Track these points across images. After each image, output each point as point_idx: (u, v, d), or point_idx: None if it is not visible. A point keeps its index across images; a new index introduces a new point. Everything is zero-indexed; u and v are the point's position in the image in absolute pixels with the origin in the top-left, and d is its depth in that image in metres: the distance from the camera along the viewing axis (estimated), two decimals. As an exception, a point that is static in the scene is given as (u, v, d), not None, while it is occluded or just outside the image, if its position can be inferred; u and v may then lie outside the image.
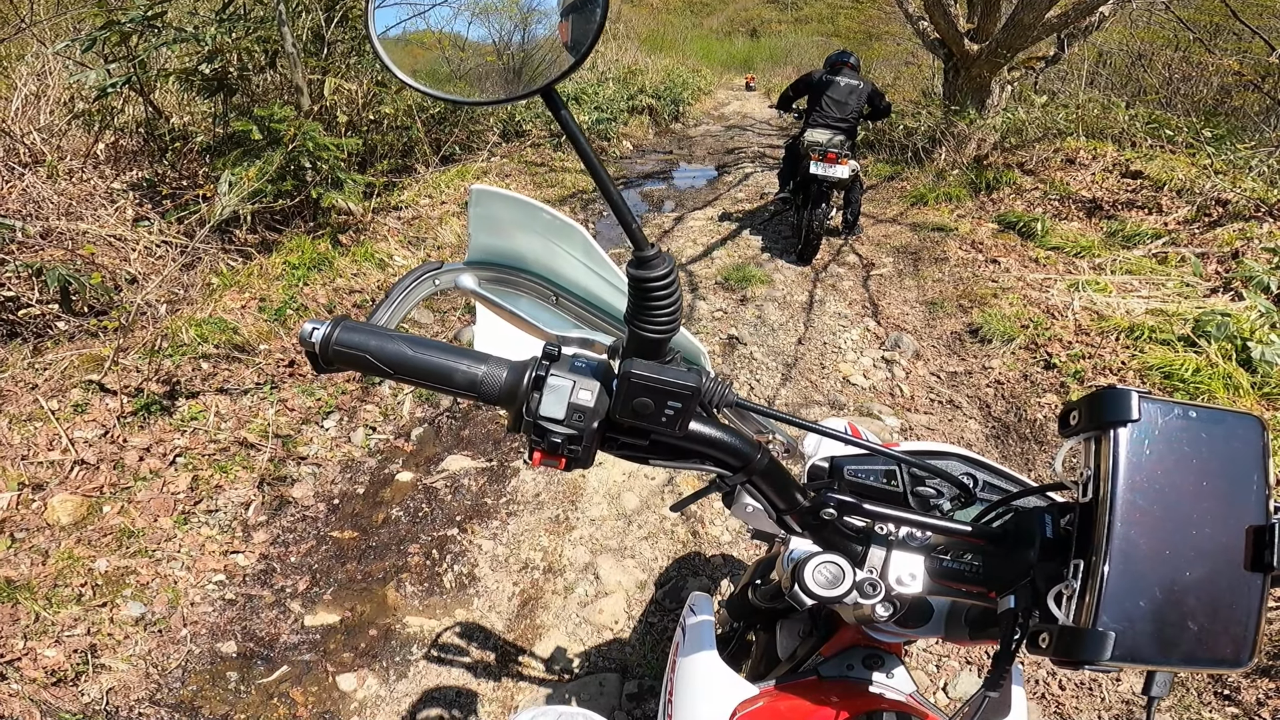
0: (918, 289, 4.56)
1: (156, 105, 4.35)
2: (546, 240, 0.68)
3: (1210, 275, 4.30)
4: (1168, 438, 0.50)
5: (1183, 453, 0.50)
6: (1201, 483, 0.50)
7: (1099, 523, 0.50)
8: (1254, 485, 0.50)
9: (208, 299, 3.37)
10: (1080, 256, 4.64)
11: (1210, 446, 0.50)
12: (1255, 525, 0.49)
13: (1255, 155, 5.71)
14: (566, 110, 0.50)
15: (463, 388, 0.56)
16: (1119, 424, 0.50)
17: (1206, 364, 3.27)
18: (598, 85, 9.51)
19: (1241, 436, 0.51)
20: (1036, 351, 3.56)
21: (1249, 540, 0.49)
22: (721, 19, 28.76)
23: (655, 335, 0.54)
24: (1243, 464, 0.50)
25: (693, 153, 9.05)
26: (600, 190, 0.52)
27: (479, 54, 0.59)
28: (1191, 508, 0.50)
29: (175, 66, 4.18)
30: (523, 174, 6.32)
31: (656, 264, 0.53)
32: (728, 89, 16.31)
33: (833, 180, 4.63)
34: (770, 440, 0.73)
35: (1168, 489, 0.50)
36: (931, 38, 7.91)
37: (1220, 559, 0.49)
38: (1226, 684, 1.95)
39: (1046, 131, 6.74)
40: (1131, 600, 0.48)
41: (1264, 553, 0.49)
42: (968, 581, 0.62)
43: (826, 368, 3.58)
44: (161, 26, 3.88)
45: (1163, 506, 0.49)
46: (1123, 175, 5.78)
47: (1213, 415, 0.51)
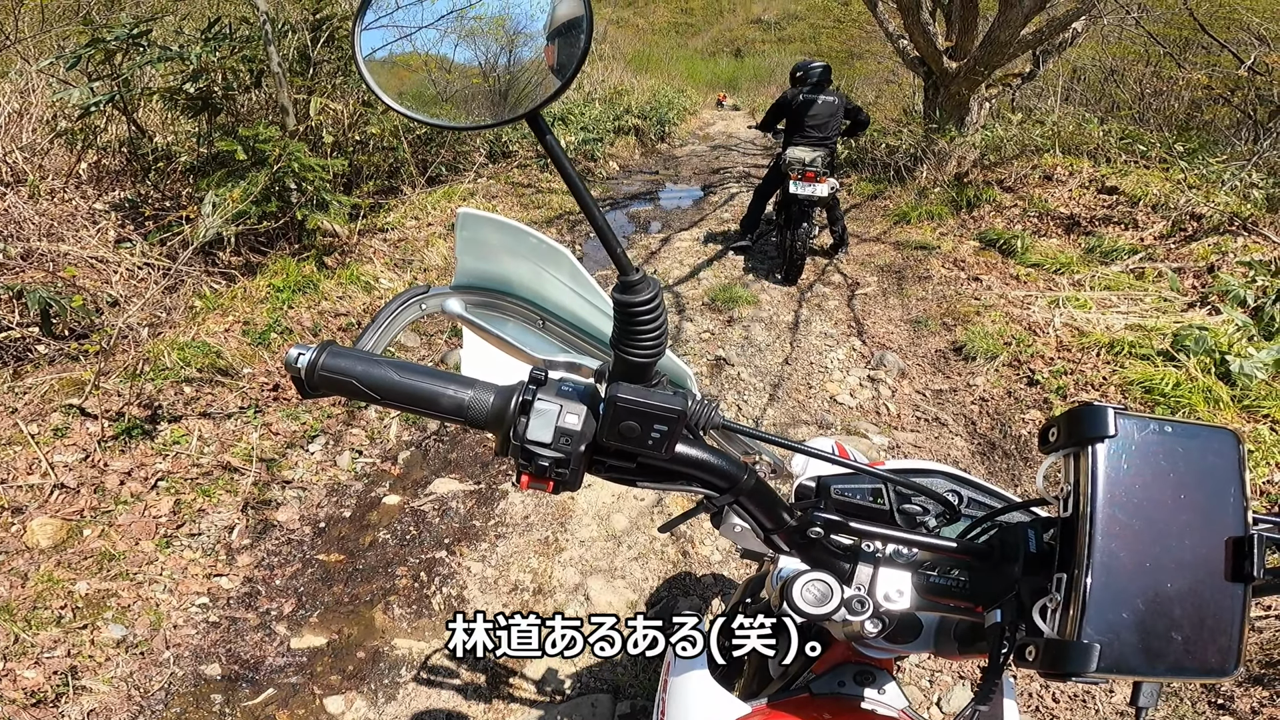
0: (902, 307, 4.61)
1: (140, 124, 4.33)
2: (533, 264, 0.68)
3: (1187, 290, 4.38)
4: (1145, 452, 0.51)
5: (1160, 466, 0.51)
6: (1180, 495, 0.51)
7: (1080, 536, 0.51)
8: (1231, 497, 0.51)
9: (190, 322, 3.35)
10: (1060, 273, 4.71)
11: (1187, 460, 0.51)
12: (1234, 536, 0.50)
13: (1227, 169, 5.83)
14: (552, 135, 0.51)
15: (449, 412, 0.56)
16: (1097, 440, 0.51)
17: (1186, 378, 3.31)
18: (584, 105, 9.58)
19: (1218, 450, 0.52)
20: (1020, 368, 3.60)
21: (1229, 551, 0.50)
22: (706, 39, 29.15)
23: (641, 359, 0.55)
24: (1220, 476, 0.51)
25: (679, 173, 9.13)
26: (585, 215, 0.52)
27: (465, 76, 0.59)
28: (1171, 520, 0.51)
29: (160, 85, 4.16)
30: (509, 195, 6.34)
31: (641, 288, 0.54)
32: (713, 109, 16.51)
33: (813, 199, 4.66)
34: (757, 461, 0.74)
35: (1147, 502, 0.51)
36: (911, 56, 8.07)
37: (1201, 570, 0.50)
38: (1220, 693, 1.97)
39: (1024, 148, 6.85)
40: (1115, 612, 0.49)
41: (1243, 563, 0.50)
42: (955, 597, 0.62)
43: (813, 387, 3.60)
44: (146, 45, 3.87)
45: (1143, 519, 0.50)
46: (1099, 191, 5.89)
47: (1189, 429, 0.52)
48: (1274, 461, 2.75)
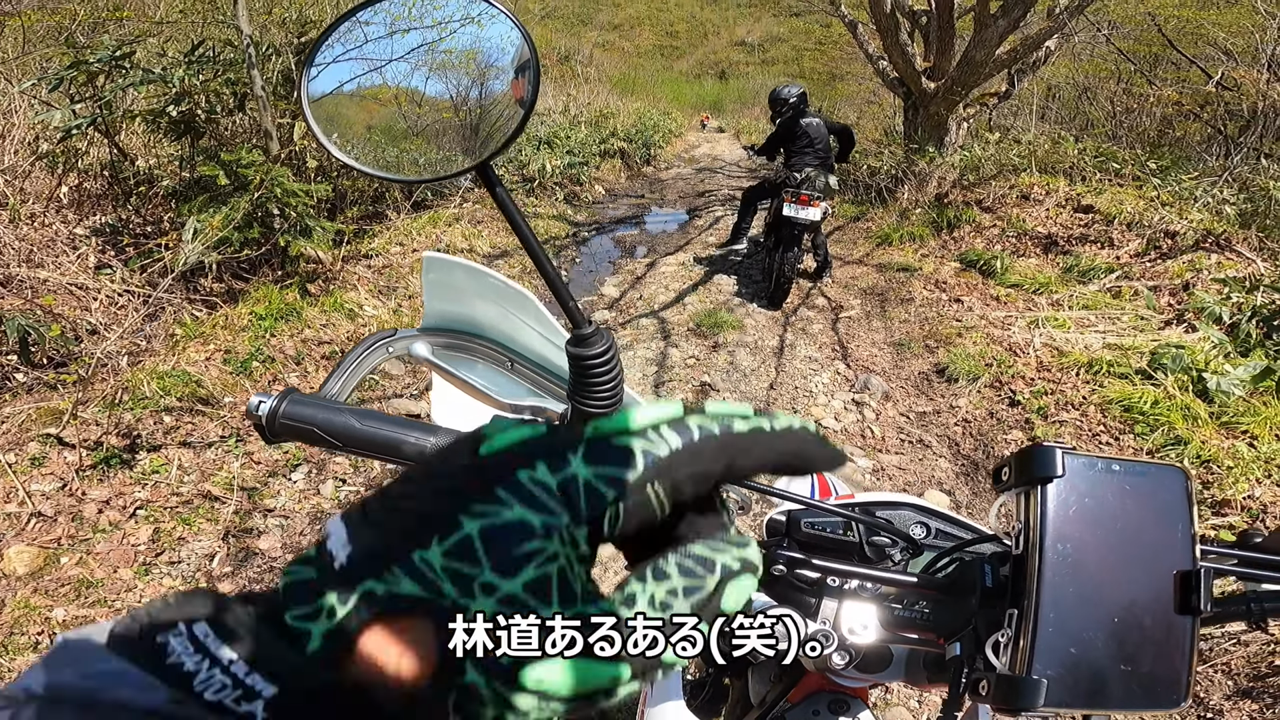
0: (885, 330, 4.65)
1: (122, 147, 4.29)
2: (500, 307, 0.69)
3: (1163, 307, 4.45)
4: (1093, 491, 0.52)
5: (1108, 504, 0.52)
6: (1128, 532, 0.52)
7: (1029, 573, 0.52)
8: (1180, 532, 0.52)
9: (171, 350, 3.32)
10: (1039, 293, 4.78)
11: (1135, 498, 0.53)
12: (1182, 570, 0.51)
13: (1199, 185, 5.95)
14: (501, 187, 0.51)
15: (411, 458, 0.56)
16: (1045, 480, 0.52)
17: (1164, 396, 3.35)
18: (570, 129, 9.63)
19: (1166, 487, 0.53)
20: (1001, 389, 3.64)
21: (1177, 585, 0.51)
22: (691, 61, 29.54)
23: (596, 411, 0.55)
24: (1168, 513, 0.53)
25: (664, 196, 9.20)
26: (537, 267, 0.53)
27: (436, 110, 0.59)
28: (1120, 556, 0.52)
29: (142, 108, 4.13)
30: (494, 220, 6.35)
31: (594, 341, 0.54)
32: (697, 131, 16.69)
33: (805, 222, 4.69)
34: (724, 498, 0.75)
35: (1095, 539, 0.52)
36: (891, 77, 8.21)
37: (1150, 604, 0.51)
38: (1211, 707, 1.97)
39: (1002, 168, 6.96)
40: (1063, 647, 0.50)
41: (1191, 596, 0.51)
42: (919, 629, 0.64)
43: (799, 412, 3.62)
44: (129, 67, 3.85)
45: (1092, 556, 0.51)
46: (1075, 210, 5.99)
47: (1137, 468, 0.53)
48: (1253, 477, 2.78)
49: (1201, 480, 2.81)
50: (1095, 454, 0.54)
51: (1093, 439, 3.21)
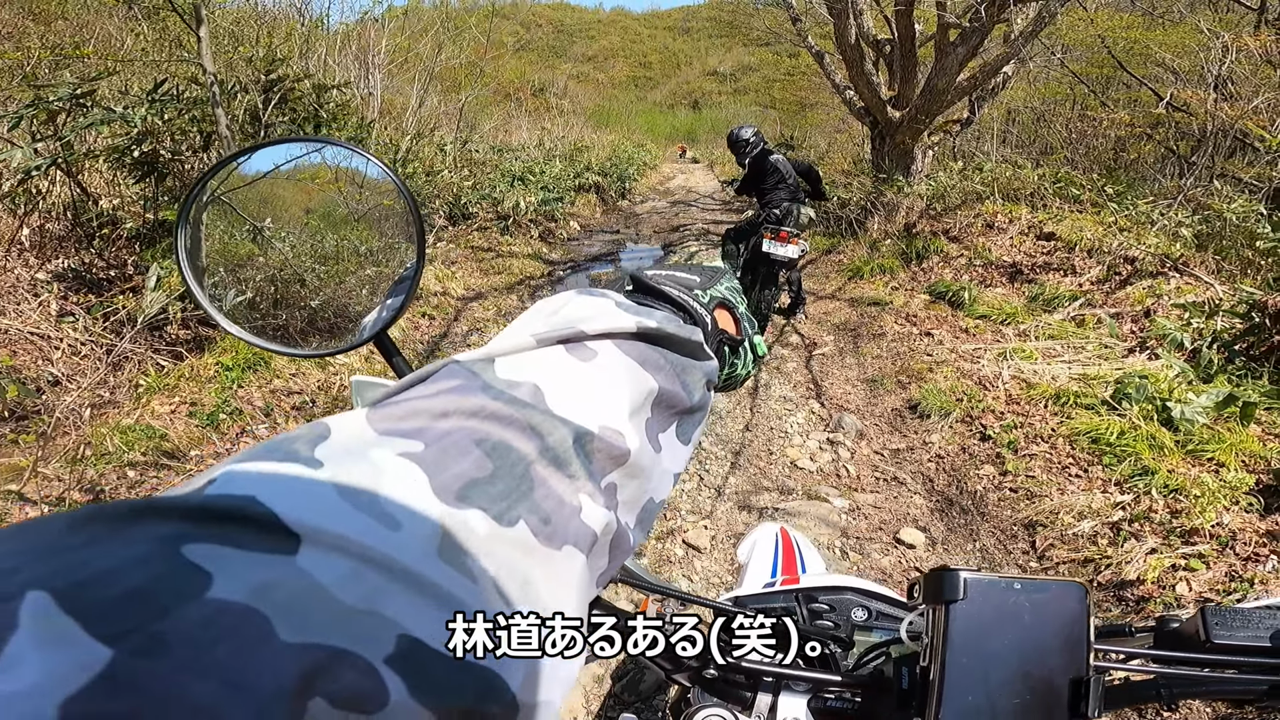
0: (858, 367, 4.71)
1: (85, 187, 4.20)
2: None
3: (1126, 335, 4.55)
4: (995, 610, 0.56)
5: (1009, 621, 0.56)
6: (1028, 645, 0.55)
7: (932, 685, 0.55)
8: (1075, 643, 0.56)
9: (135, 403, 3.28)
10: (1006, 324, 4.87)
11: (1035, 613, 0.56)
12: (1075, 678, 0.55)
13: (1155, 209, 6.11)
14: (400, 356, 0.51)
15: None
16: (950, 602, 0.56)
17: (1130, 426, 3.40)
18: (544, 163, 9.69)
19: (1065, 602, 0.56)
20: (972, 424, 3.70)
21: (1070, 692, 0.54)
22: (664, 92, 29.98)
23: None
24: (1067, 626, 0.56)
25: (639, 231, 9.29)
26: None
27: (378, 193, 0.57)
28: (1019, 667, 0.55)
29: (104, 146, 4.03)
30: (469, 260, 6.38)
31: None
32: (672, 162, 16.89)
33: (783, 259, 4.72)
34: (664, 600, 0.79)
35: (995, 653, 0.55)
36: (858, 106, 8.39)
37: (1044, 712, 0.54)
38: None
39: (966, 196, 7.11)
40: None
41: (1080, 703, 0.54)
42: (850, 719, 0.67)
43: (774, 453, 3.65)
44: (90, 105, 3.79)
45: (992, 668, 0.55)
46: (1038, 237, 6.13)
47: (1037, 586, 0.57)
48: (1221, 505, 2.81)
49: (1170, 510, 2.85)
50: (1000, 575, 0.57)
51: (1062, 471, 3.26)
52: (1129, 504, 2.93)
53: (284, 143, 0.54)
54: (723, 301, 0.53)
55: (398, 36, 9.50)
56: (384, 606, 0.22)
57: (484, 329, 5.19)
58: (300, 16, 8.09)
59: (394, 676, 0.21)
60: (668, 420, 0.36)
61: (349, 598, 0.21)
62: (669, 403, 0.36)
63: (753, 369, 0.57)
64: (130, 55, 6.24)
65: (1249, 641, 0.60)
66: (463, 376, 0.30)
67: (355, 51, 8.92)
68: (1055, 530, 2.88)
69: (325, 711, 0.19)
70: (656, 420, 0.35)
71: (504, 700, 0.25)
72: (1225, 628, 0.60)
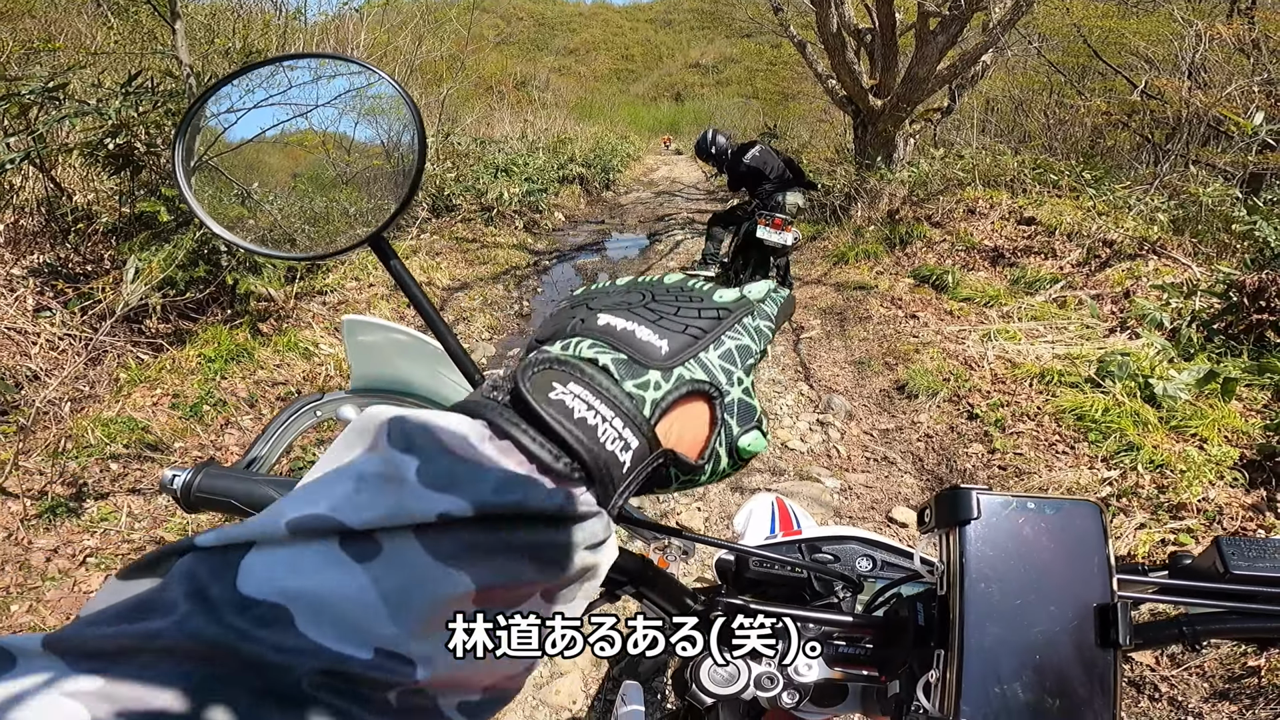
0: (846, 349, 4.75)
1: (58, 182, 4.13)
2: (425, 364, 0.68)
3: (1107, 315, 4.62)
4: (1011, 530, 0.54)
5: (1026, 543, 0.54)
6: (1047, 569, 0.53)
7: (952, 614, 0.53)
8: (1096, 566, 0.53)
9: (116, 396, 3.24)
10: (989, 306, 4.93)
11: (1051, 534, 0.54)
12: (1100, 604, 0.53)
13: (1132, 194, 6.21)
14: (397, 259, 0.50)
15: None
16: (963, 522, 0.54)
17: (1114, 403, 3.45)
18: (528, 156, 9.65)
19: (1081, 522, 0.54)
20: (959, 403, 3.74)
21: (1097, 619, 0.52)
22: (647, 84, 29.92)
23: None
24: (1085, 548, 0.54)
25: (624, 221, 9.27)
26: (435, 335, 0.52)
27: (367, 156, 0.57)
28: (1040, 594, 0.53)
29: (78, 140, 3.96)
30: (454, 251, 6.34)
31: None
32: (656, 153, 16.88)
33: (777, 245, 4.76)
34: (667, 545, 0.77)
35: (1015, 578, 0.53)
36: (840, 95, 8.43)
37: (1071, 640, 0.52)
38: (1190, 710, 2.01)
39: (948, 183, 7.19)
40: (988, 687, 0.51)
41: (1109, 630, 0.52)
42: (862, 664, 0.65)
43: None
44: (63, 99, 3.71)
45: (1012, 594, 0.53)
46: (1018, 222, 6.20)
47: (1052, 504, 0.55)
48: (1206, 480, 2.84)
49: (1156, 485, 2.88)
50: (1011, 494, 0.55)
51: (1049, 449, 3.30)
52: (1116, 480, 2.97)
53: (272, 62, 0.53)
54: (699, 388, 0.38)
55: (377, 30, 9.39)
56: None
57: (470, 318, 5.17)
58: (277, 10, 7.99)
59: None
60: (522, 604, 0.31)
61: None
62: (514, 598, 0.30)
63: (729, 472, 0.42)
64: (103, 48, 6.12)
65: (1270, 572, 0.59)
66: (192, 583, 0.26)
67: (334, 45, 8.82)
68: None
69: None
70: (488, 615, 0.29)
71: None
72: (1243, 558, 0.59)
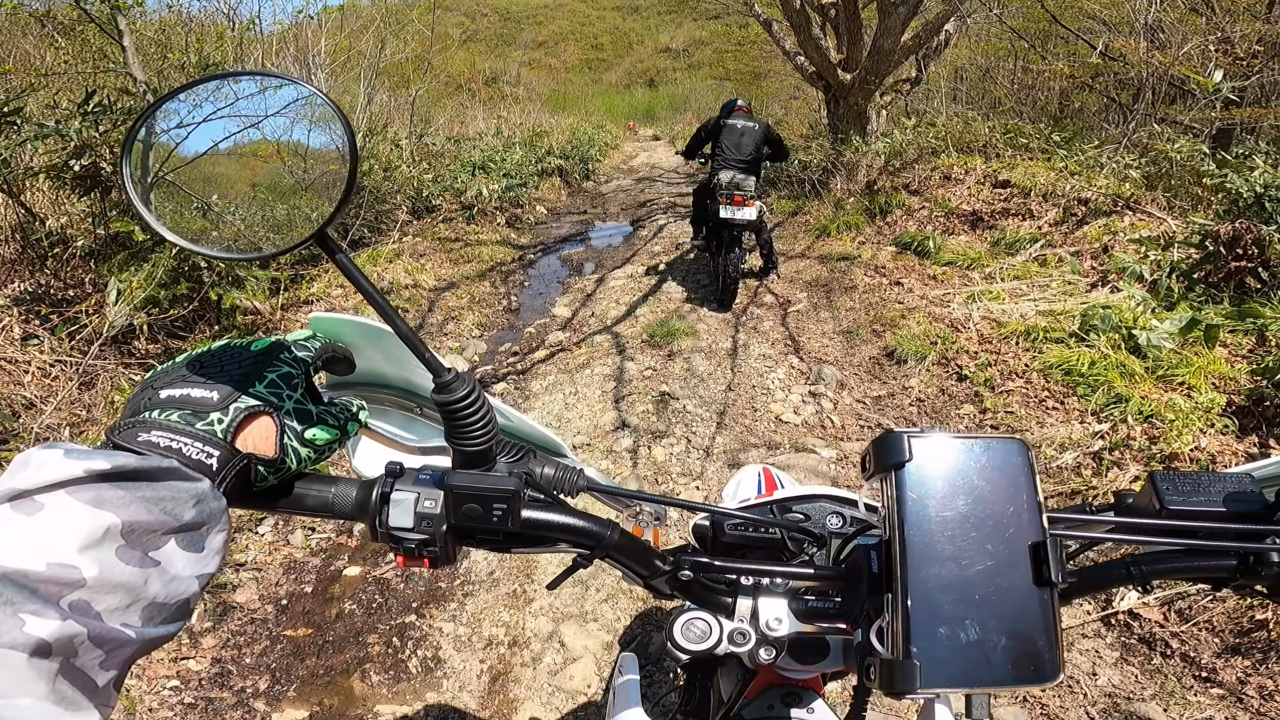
0: (833, 320, 4.79)
1: (29, 207, 4.07)
2: (394, 354, 0.69)
3: (1087, 271, 4.69)
4: (944, 471, 0.54)
5: (960, 483, 0.54)
6: (982, 508, 0.53)
7: (894, 557, 0.53)
8: (1026, 504, 0.54)
9: (112, 417, 3.25)
10: (971, 269, 4.99)
11: (982, 473, 0.54)
12: (1034, 542, 0.53)
13: (1103, 153, 6.29)
14: (343, 253, 0.52)
15: (316, 509, 0.59)
16: (898, 466, 0.54)
17: (1100, 356, 3.49)
18: (504, 151, 9.60)
19: (1010, 460, 0.55)
20: (948, 365, 3.79)
21: (1031, 558, 0.52)
22: (619, 72, 29.74)
23: (473, 449, 0.58)
24: (1014, 485, 0.54)
25: (607, 210, 9.26)
26: (388, 323, 0.54)
27: (324, 161, 0.57)
28: (977, 533, 0.53)
29: (43, 163, 3.91)
30: (437, 252, 6.32)
31: (456, 386, 0.55)
32: (633, 141, 16.83)
33: (741, 223, 4.82)
34: (639, 512, 0.79)
35: (952, 518, 0.53)
36: (810, 71, 8.44)
37: (1010, 579, 0.52)
38: (1203, 665, 2.04)
39: (922, 151, 7.24)
40: (934, 628, 0.51)
41: (1042, 568, 0.52)
42: (831, 618, 0.66)
43: (758, 410, 3.70)
44: (20, 122, 3.67)
45: (951, 535, 0.53)
46: (994, 186, 6.26)
47: (981, 443, 0.55)
48: (1196, 428, 2.88)
49: (1148, 436, 2.90)
50: (942, 433, 0.55)
51: (1039, 405, 3.36)
52: (1107, 432, 3.01)
53: (206, 81, 0.55)
54: (254, 410, 0.53)
55: (337, 35, 9.30)
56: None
57: (459, 317, 5.17)
58: (230, 21, 7.89)
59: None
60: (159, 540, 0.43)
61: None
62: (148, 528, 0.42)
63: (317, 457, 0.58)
64: (53, 69, 6.03)
65: (1203, 507, 0.60)
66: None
67: (294, 53, 8.73)
68: (1039, 464, 2.94)
69: None
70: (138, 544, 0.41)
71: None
72: (1177, 493, 0.61)
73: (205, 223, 0.61)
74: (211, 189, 0.60)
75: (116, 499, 0.41)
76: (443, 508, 0.57)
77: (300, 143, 0.58)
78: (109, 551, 0.40)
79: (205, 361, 0.55)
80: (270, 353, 0.57)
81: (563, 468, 0.64)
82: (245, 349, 0.57)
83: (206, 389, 0.52)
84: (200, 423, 0.50)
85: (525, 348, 4.72)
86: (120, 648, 0.40)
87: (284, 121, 0.57)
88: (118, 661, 0.40)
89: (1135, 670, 2.09)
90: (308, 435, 0.56)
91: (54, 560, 0.37)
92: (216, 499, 0.47)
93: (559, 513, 0.62)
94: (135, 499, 0.42)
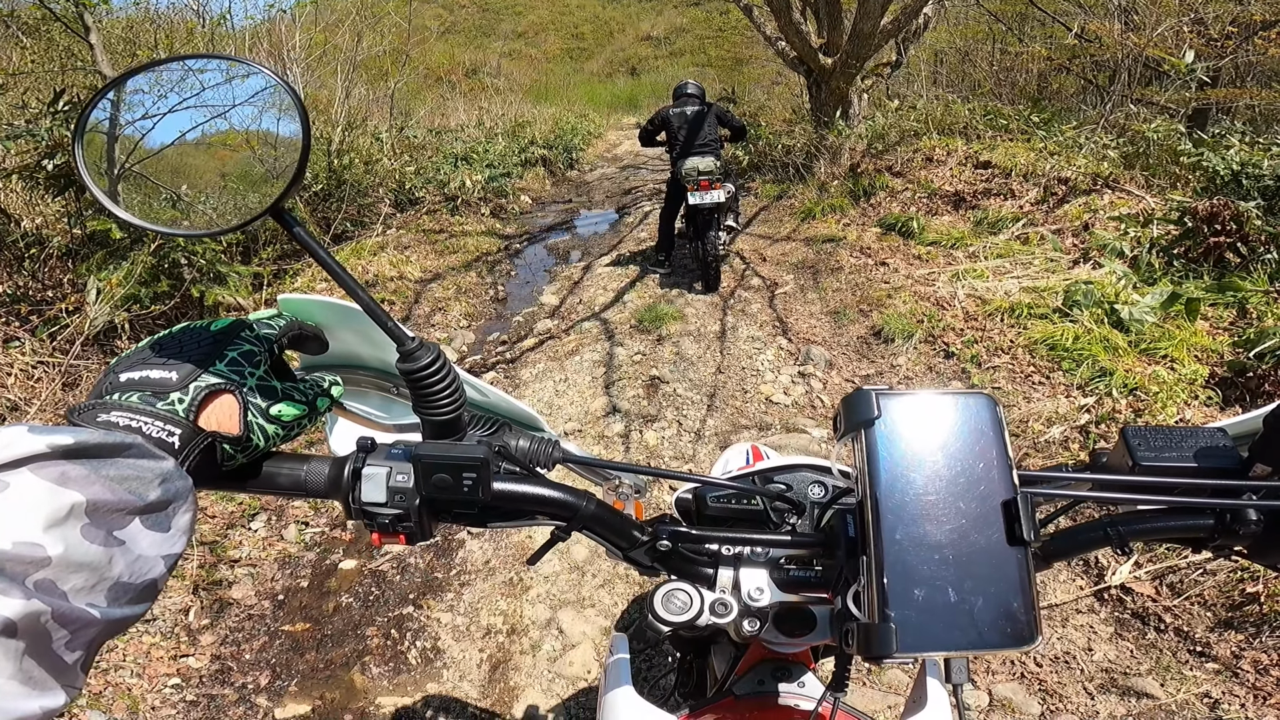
0: (820, 301, 4.82)
1: (3, 208, 4.03)
2: (365, 334, 0.68)
3: (1069, 248, 4.74)
4: (913, 428, 0.53)
5: (929, 440, 0.52)
6: (952, 465, 0.52)
7: (867, 519, 0.52)
8: (996, 461, 0.52)
9: None
10: (955, 248, 5.02)
11: (952, 430, 0.53)
12: (1005, 500, 0.51)
13: (1081, 134, 6.36)
14: (301, 226, 0.52)
15: (289, 489, 0.58)
16: (867, 424, 0.53)
17: (1083, 331, 3.54)
18: (486, 142, 9.53)
19: (979, 415, 0.53)
20: (935, 343, 3.83)
21: (1004, 516, 0.51)
22: (601, 61, 29.53)
23: (441, 419, 0.58)
24: (985, 442, 0.52)
25: (592, 198, 9.23)
26: (350, 295, 0.54)
27: (292, 149, 0.56)
28: (950, 490, 0.51)
29: (15, 164, 3.86)
30: (422, 244, 6.28)
31: (420, 355, 0.55)
32: (617, 129, 16.73)
33: (711, 206, 4.91)
34: (618, 485, 0.78)
35: (923, 476, 0.52)
36: (791, 56, 8.41)
37: (984, 539, 0.50)
38: (1197, 640, 2.06)
39: (904, 134, 7.28)
40: (910, 591, 0.49)
41: (1014, 527, 0.50)
42: (813, 587, 0.64)
43: (748, 391, 3.72)
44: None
45: (923, 493, 0.51)
46: (975, 166, 6.31)
47: (949, 399, 0.54)
48: (1180, 400, 2.93)
49: (1133, 409, 2.94)
50: (910, 390, 0.54)
51: (1025, 380, 3.40)
52: (1093, 406, 3.05)
53: (158, 64, 0.55)
54: (215, 389, 0.52)
55: (312, 29, 9.18)
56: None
57: (446, 308, 5.15)
58: (199, 17, 7.77)
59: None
60: (124, 519, 0.42)
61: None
62: (112, 507, 0.41)
63: (286, 435, 0.57)
64: (19, 69, 5.92)
65: (1175, 462, 0.59)
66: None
67: (268, 48, 8.62)
68: (1027, 439, 2.97)
69: None
70: (102, 523, 0.41)
71: None
72: (1149, 449, 0.59)
73: (175, 213, 0.61)
74: (180, 179, 0.60)
75: (80, 477, 0.40)
76: (415, 482, 0.56)
77: (270, 131, 0.58)
78: (74, 530, 0.39)
79: (165, 344, 0.54)
80: (230, 331, 0.57)
81: (537, 440, 0.64)
82: (205, 329, 0.56)
83: (166, 370, 0.52)
84: (161, 403, 0.50)
85: (514, 337, 4.71)
86: (85, 628, 0.39)
87: (251, 110, 0.57)
88: (83, 642, 0.40)
89: (1130, 645, 2.11)
90: (273, 411, 0.56)
91: (19, 539, 0.37)
92: (181, 478, 0.46)
93: (533, 484, 0.61)
94: (99, 477, 0.41)
